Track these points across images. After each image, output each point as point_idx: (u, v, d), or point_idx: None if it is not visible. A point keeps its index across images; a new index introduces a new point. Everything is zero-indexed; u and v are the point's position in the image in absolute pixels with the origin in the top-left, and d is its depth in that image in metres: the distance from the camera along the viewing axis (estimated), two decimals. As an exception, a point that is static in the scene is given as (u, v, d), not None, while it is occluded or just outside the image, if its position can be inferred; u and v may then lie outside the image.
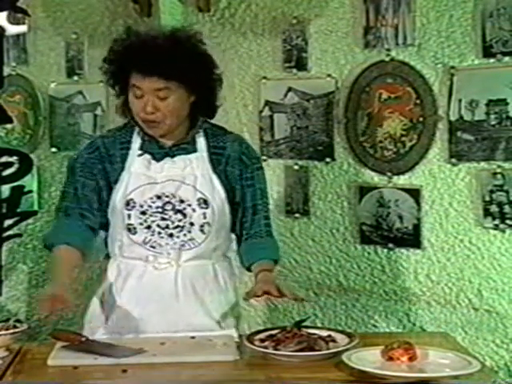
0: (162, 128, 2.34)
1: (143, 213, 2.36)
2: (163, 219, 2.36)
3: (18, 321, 2.28)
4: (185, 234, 2.37)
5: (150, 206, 2.36)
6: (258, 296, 2.24)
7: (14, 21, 3.73)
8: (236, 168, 2.44)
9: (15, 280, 3.82)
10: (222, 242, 2.46)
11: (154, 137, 2.39)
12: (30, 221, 3.72)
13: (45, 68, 3.89)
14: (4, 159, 3.41)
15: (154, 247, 2.38)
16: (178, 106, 2.32)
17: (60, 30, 3.85)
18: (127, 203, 2.36)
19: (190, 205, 2.36)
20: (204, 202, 2.37)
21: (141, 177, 2.37)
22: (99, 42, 3.78)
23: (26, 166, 3.46)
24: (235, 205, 2.45)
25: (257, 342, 2.13)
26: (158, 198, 2.36)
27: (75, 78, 3.85)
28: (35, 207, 3.80)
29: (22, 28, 3.82)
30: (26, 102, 3.92)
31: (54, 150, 3.89)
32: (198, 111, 2.41)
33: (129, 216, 2.37)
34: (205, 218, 2.37)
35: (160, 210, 2.36)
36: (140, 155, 2.39)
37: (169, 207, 2.36)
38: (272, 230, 2.52)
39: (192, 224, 2.37)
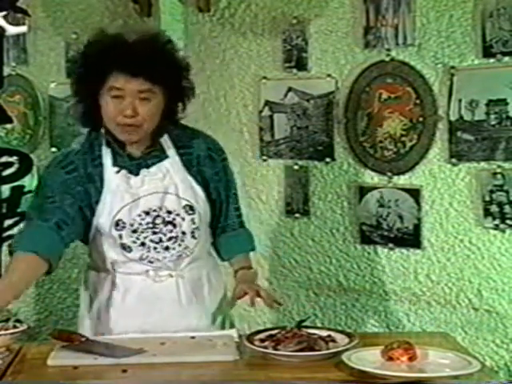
0: (138, 133, 2.28)
1: (134, 231, 2.33)
2: (155, 233, 2.34)
3: (18, 321, 2.27)
4: (179, 244, 2.37)
5: (140, 224, 2.33)
6: (240, 298, 2.30)
7: (13, 21, 3.73)
8: (207, 166, 2.42)
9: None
10: (206, 240, 2.47)
11: (122, 147, 2.32)
12: (30, 221, 3.71)
13: (45, 68, 3.89)
14: (4, 159, 3.40)
15: (152, 262, 2.37)
16: (156, 111, 2.27)
17: (60, 30, 3.85)
18: (116, 224, 2.32)
19: (178, 214, 2.34)
20: (190, 208, 2.36)
21: (124, 195, 2.32)
22: (99, 42, 3.78)
23: (26, 166, 3.45)
24: (212, 202, 2.44)
25: (257, 342, 2.13)
26: (147, 213, 2.33)
27: (75, 78, 3.85)
28: (35, 207, 3.79)
29: (22, 28, 3.82)
30: (26, 102, 3.91)
31: (53, 149, 3.89)
32: (166, 118, 2.34)
33: (120, 236, 2.33)
34: (193, 223, 2.37)
35: (150, 225, 2.33)
36: (117, 172, 2.33)
37: (159, 221, 2.34)
38: (243, 219, 2.54)
39: (184, 233, 2.36)
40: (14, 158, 3.45)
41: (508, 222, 3.00)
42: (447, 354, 2.02)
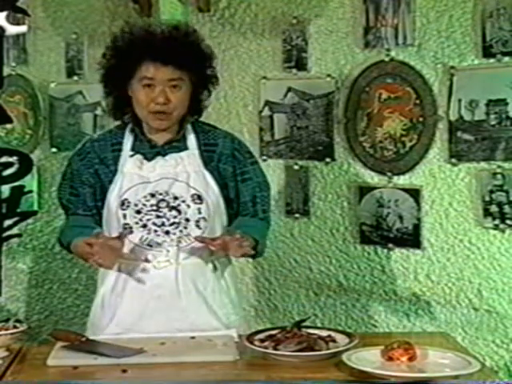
0: (169, 120, 2.38)
1: (138, 212, 2.38)
2: (158, 217, 2.37)
3: (18, 321, 2.28)
4: (181, 230, 2.38)
5: (144, 205, 2.37)
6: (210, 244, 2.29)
7: (13, 21, 3.73)
8: (228, 165, 2.46)
9: (15, 280, 3.82)
10: (215, 234, 2.44)
11: (147, 135, 2.43)
12: (30, 221, 3.71)
13: (45, 68, 3.89)
14: (4, 159, 3.40)
15: (151, 245, 2.38)
16: (185, 98, 2.38)
17: (60, 30, 3.85)
18: (122, 203, 2.39)
19: (184, 201, 2.38)
20: (198, 198, 2.38)
21: (134, 176, 2.39)
22: (99, 42, 3.77)
23: (26, 166, 3.44)
24: (229, 201, 2.46)
25: (257, 342, 2.13)
26: (152, 196, 2.38)
27: (75, 78, 3.85)
28: (35, 207, 3.79)
29: (22, 28, 3.81)
30: (26, 102, 3.91)
31: (54, 150, 3.89)
32: (191, 108, 2.44)
33: (124, 216, 2.39)
34: (200, 213, 2.38)
35: (155, 207, 2.37)
36: (132, 155, 2.42)
37: (163, 205, 2.37)
38: (270, 220, 2.56)
39: (188, 220, 2.38)
40: (14, 158, 3.44)
41: (508, 221, 3.00)
42: (447, 354, 2.02)
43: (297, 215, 3.53)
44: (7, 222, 3.36)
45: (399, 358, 1.96)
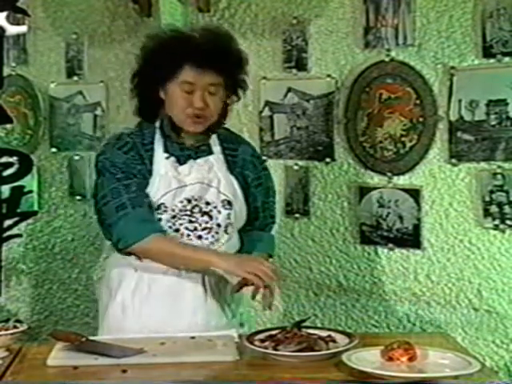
0: (205, 124, 2.38)
1: (173, 217, 2.36)
2: (191, 222, 2.37)
3: (18, 321, 2.28)
4: (213, 236, 2.39)
5: (180, 210, 2.36)
6: (244, 285, 2.28)
7: (14, 21, 3.74)
8: (249, 171, 2.50)
9: (15, 280, 3.82)
10: (236, 238, 2.48)
11: (177, 138, 2.40)
12: (30, 221, 3.72)
13: (45, 68, 3.89)
14: (4, 159, 3.41)
15: None
16: (221, 102, 2.38)
17: (60, 30, 3.85)
18: (158, 207, 2.36)
19: (215, 207, 2.39)
20: (228, 203, 2.40)
21: (171, 180, 2.37)
22: (99, 42, 3.79)
23: (26, 166, 3.45)
24: (248, 205, 2.49)
25: (257, 342, 2.13)
26: (188, 201, 2.37)
27: (75, 78, 3.85)
28: (35, 207, 3.80)
29: (22, 28, 3.82)
30: (26, 102, 3.92)
31: (53, 150, 3.89)
32: (223, 110, 2.45)
33: (159, 220, 2.36)
34: (229, 218, 2.40)
35: (188, 212, 2.37)
36: (167, 158, 2.39)
37: (196, 210, 2.37)
38: (274, 227, 2.62)
39: (219, 225, 2.39)
40: (14, 159, 3.45)
41: (508, 222, 3.00)
42: (447, 354, 2.02)
43: (297, 215, 3.53)
44: (7, 222, 3.37)
45: (399, 358, 1.96)
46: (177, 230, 2.37)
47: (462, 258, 3.13)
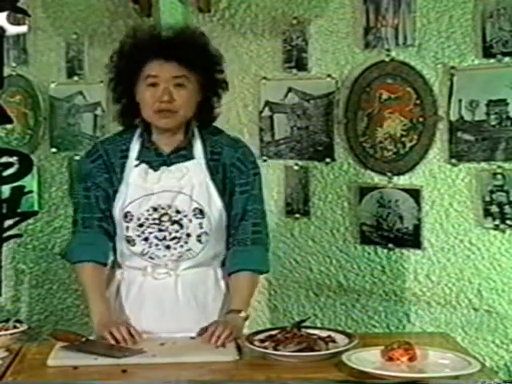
0: (175, 119, 2.33)
1: (140, 225, 2.35)
2: (160, 230, 2.35)
3: (18, 321, 2.28)
4: (182, 246, 2.36)
5: (146, 219, 2.35)
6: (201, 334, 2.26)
7: (14, 21, 3.73)
8: (233, 174, 2.40)
9: (15, 280, 3.82)
10: (222, 249, 2.44)
11: (155, 142, 2.38)
12: (30, 221, 3.72)
13: (45, 68, 3.89)
14: (4, 159, 3.40)
15: (152, 258, 2.38)
16: (191, 98, 2.33)
17: (60, 30, 3.85)
18: (125, 215, 2.36)
19: (186, 215, 2.35)
20: (200, 212, 2.35)
21: (138, 189, 2.35)
22: (99, 42, 3.78)
23: (26, 166, 3.45)
24: (228, 213, 2.41)
25: (257, 343, 2.13)
26: (155, 210, 2.35)
27: (75, 78, 3.85)
28: (35, 207, 3.80)
29: (22, 28, 3.82)
30: (26, 102, 3.92)
31: (54, 150, 3.89)
32: (198, 115, 2.40)
33: (127, 228, 2.37)
34: (201, 227, 2.36)
35: (157, 221, 2.35)
36: (137, 165, 2.37)
37: (165, 218, 2.35)
38: (262, 237, 2.43)
39: (189, 235, 2.36)
40: (14, 159, 3.45)
41: (508, 222, 2.99)
42: (447, 355, 2.02)
43: (297, 215, 3.53)
44: (7, 222, 3.37)
45: (399, 358, 1.96)
46: (146, 239, 2.36)
47: (462, 258, 3.13)
